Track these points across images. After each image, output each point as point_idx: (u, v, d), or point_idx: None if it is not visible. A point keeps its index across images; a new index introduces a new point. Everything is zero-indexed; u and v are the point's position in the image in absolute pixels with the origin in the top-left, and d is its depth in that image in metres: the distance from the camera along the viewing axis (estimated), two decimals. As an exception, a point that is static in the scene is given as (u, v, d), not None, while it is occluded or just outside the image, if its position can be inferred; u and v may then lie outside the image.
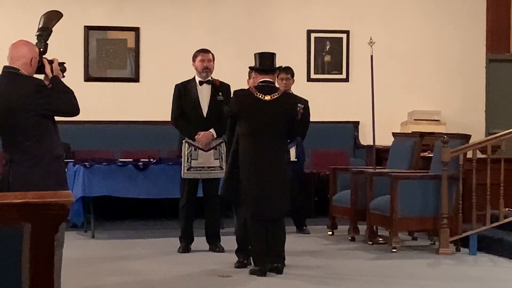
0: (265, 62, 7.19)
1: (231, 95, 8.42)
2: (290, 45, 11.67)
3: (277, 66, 7.32)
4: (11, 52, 5.57)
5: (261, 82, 7.16)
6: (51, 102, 5.50)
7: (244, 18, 11.79)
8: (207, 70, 8.39)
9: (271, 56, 7.26)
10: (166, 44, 11.52)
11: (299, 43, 11.87)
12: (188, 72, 8.67)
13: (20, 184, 5.42)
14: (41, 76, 5.69)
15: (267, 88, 7.13)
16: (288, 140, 7.46)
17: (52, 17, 5.81)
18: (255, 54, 7.30)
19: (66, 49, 10.09)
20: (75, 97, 5.62)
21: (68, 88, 5.62)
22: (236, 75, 9.30)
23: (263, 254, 7.13)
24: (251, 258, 7.55)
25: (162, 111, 9.44)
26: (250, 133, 7.09)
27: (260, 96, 7.07)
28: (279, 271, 7.12)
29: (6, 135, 5.61)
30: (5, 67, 5.59)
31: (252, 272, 7.16)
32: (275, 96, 7.11)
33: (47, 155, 5.51)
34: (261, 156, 7.05)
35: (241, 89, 7.45)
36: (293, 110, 7.27)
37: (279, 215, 7.20)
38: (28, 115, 5.46)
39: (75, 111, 5.64)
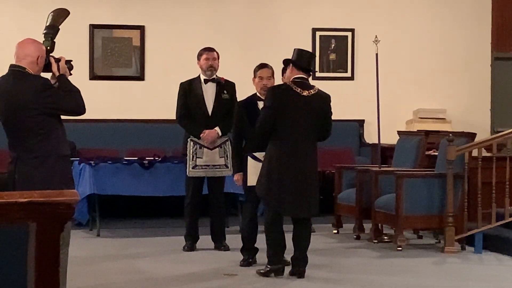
0: (306, 60, 7.07)
1: (236, 93, 8.44)
2: (295, 43, 11.54)
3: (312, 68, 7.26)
4: (18, 50, 5.57)
5: (296, 78, 7.01)
6: (56, 101, 5.50)
7: (249, 16, 11.79)
8: (212, 68, 8.39)
9: (312, 56, 7.21)
10: (171, 43, 11.52)
11: (304, 42, 11.84)
12: (193, 70, 8.67)
13: (25, 183, 5.43)
14: (48, 75, 5.69)
15: (304, 84, 7.02)
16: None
17: (59, 15, 5.81)
18: (295, 49, 7.16)
19: (71, 47, 10.07)
20: (81, 96, 5.62)
21: (75, 87, 5.62)
22: (241, 73, 9.30)
23: (281, 254, 7.00)
24: (256, 256, 7.56)
25: (167, 109, 9.44)
26: (286, 128, 6.90)
27: (299, 91, 6.95)
28: (301, 274, 6.95)
29: (12, 134, 5.62)
30: (11, 65, 5.59)
31: (265, 273, 6.95)
32: (313, 92, 7.01)
33: (53, 154, 5.51)
34: (296, 152, 6.89)
35: (277, 85, 7.32)
36: (329, 107, 7.13)
37: (309, 215, 7.07)
38: (33, 114, 5.46)
39: (81, 110, 5.64)
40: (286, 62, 7.21)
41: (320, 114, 7.03)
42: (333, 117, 6.81)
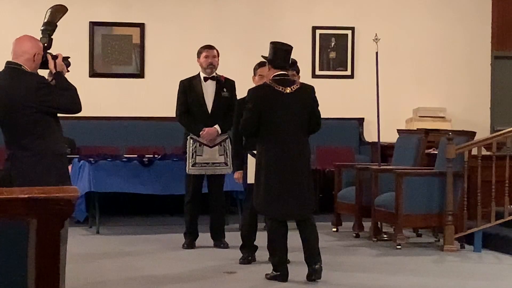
0: (281, 57, 6.84)
1: (236, 91, 8.43)
2: (295, 41, 11.48)
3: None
4: (15, 47, 5.56)
5: (277, 75, 6.81)
6: (52, 99, 5.48)
7: (249, 14, 11.78)
8: (212, 66, 8.39)
9: (288, 51, 6.90)
10: (171, 40, 11.52)
11: (304, 40, 11.86)
12: (193, 68, 8.67)
13: (22, 180, 5.41)
14: (45, 72, 5.68)
15: (285, 81, 6.83)
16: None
17: (57, 12, 5.80)
18: (271, 44, 6.90)
19: (71, 44, 10.08)
20: (77, 94, 5.60)
21: (71, 85, 5.60)
22: (241, 71, 9.29)
23: (285, 259, 6.85)
24: (255, 254, 7.56)
25: (167, 107, 9.45)
26: (273, 129, 6.72)
27: (281, 89, 6.76)
28: (317, 274, 6.74)
29: (7, 131, 5.60)
30: (7, 62, 5.57)
31: (271, 278, 6.78)
32: (295, 88, 6.82)
33: (49, 152, 5.49)
34: (286, 151, 6.70)
35: (257, 86, 7.10)
36: (314, 101, 6.93)
37: (306, 214, 6.87)
38: (29, 112, 5.44)
39: (77, 108, 5.62)
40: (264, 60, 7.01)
41: (307, 108, 6.84)
42: (332, 116, 6.81)
